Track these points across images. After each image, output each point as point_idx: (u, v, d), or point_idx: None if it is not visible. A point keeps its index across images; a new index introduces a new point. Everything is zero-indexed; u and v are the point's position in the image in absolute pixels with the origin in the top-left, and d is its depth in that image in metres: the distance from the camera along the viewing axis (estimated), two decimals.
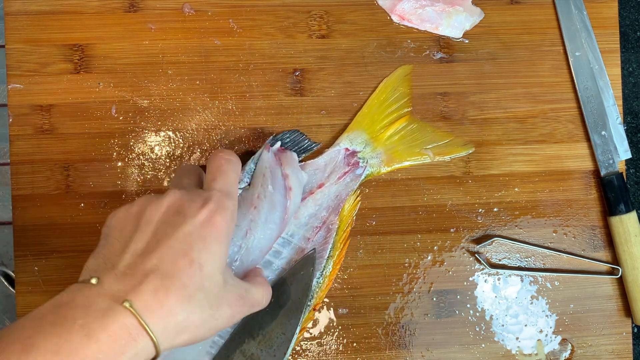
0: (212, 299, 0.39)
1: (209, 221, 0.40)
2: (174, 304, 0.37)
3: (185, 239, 0.39)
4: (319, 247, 0.54)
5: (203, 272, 0.39)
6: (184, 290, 0.38)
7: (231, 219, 0.42)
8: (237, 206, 0.43)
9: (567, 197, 0.59)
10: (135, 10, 0.57)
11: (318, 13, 0.58)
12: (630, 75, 0.65)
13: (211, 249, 0.40)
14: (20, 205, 0.55)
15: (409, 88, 0.57)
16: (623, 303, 0.59)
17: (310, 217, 0.55)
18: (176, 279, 0.38)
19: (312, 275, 0.52)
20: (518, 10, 0.59)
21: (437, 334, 0.58)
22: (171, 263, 0.38)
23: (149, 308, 0.36)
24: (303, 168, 0.55)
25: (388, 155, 0.56)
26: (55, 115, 0.56)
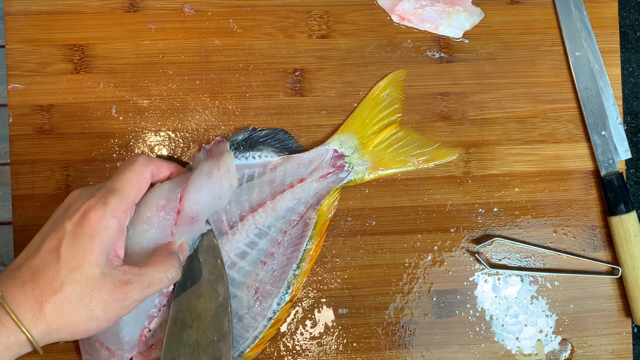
0: (84, 291, 0.42)
1: (83, 217, 0.43)
2: (39, 296, 0.41)
3: (57, 235, 0.43)
4: (296, 240, 0.55)
5: (71, 266, 0.42)
6: (50, 283, 0.42)
7: (110, 215, 0.44)
8: (127, 202, 0.45)
9: (567, 197, 0.59)
10: (135, 10, 0.57)
11: (318, 13, 0.58)
12: (630, 75, 0.65)
13: (81, 244, 0.42)
14: (20, 205, 0.55)
15: (401, 93, 0.58)
16: (623, 303, 0.59)
17: (288, 211, 0.55)
18: (43, 273, 0.42)
19: (219, 252, 0.52)
20: (518, 10, 0.59)
21: (437, 334, 0.58)
22: (42, 259, 0.43)
23: (16, 299, 0.41)
24: (286, 161, 0.55)
25: (374, 162, 0.57)
26: (55, 115, 0.56)
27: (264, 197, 0.54)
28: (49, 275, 0.42)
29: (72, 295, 0.42)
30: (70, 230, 0.43)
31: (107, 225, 0.44)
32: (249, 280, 0.54)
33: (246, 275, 0.54)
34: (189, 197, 0.48)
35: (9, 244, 0.55)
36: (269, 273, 0.54)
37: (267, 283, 0.54)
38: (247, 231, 0.54)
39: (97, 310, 0.42)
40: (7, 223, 0.97)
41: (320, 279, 0.57)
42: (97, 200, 0.44)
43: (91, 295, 0.42)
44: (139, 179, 0.47)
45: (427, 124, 0.58)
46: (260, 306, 0.54)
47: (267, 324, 0.54)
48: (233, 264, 0.53)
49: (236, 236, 0.53)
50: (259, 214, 0.54)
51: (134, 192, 0.46)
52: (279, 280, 0.54)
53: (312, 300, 0.57)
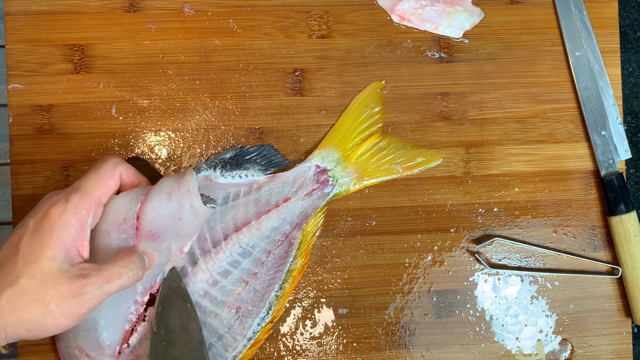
0: (38, 284, 0.42)
1: (44, 213, 0.44)
2: None
3: (19, 232, 0.44)
4: (280, 260, 0.55)
5: (27, 260, 0.42)
6: (7, 276, 0.42)
7: (71, 212, 0.44)
8: (90, 200, 0.46)
9: (567, 197, 0.59)
10: (135, 10, 0.57)
11: (318, 13, 0.58)
12: (630, 75, 0.65)
13: (39, 239, 0.43)
14: (20, 205, 0.55)
15: (381, 104, 0.57)
16: (623, 303, 0.59)
17: (272, 231, 0.55)
18: (2, 267, 0.43)
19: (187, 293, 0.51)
20: (518, 10, 0.59)
21: (437, 334, 0.58)
22: (3, 254, 0.44)
23: None
24: (271, 180, 0.55)
25: (359, 173, 0.56)
26: (55, 115, 0.56)
27: (249, 217, 0.54)
28: (6, 269, 0.43)
29: (27, 288, 0.42)
30: (32, 227, 0.44)
31: (67, 221, 0.44)
32: (230, 299, 0.53)
33: (228, 294, 0.53)
34: (146, 217, 0.48)
35: None
36: (251, 293, 0.54)
37: (249, 303, 0.54)
38: (231, 250, 0.53)
39: (52, 305, 0.42)
40: (7, 223, 0.97)
41: (320, 279, 0.57)
42: (60, 198, 0.45)
43: (45, 288, 0.42)
44: (105, 178, 0.47)
45: (427, 124, 0.58)
46: (241, 326, 0.53)
47: (246, 344, 0.54)
48: (215, 283, 0.53)
49: (219, 255, 0.53)
50: (243, 234, 0.53)
51: (99, 190, 0.46)
52: (260, 301, 0.54)
53: (312, 300, 0.57)
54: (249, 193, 0.54)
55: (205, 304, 0.52)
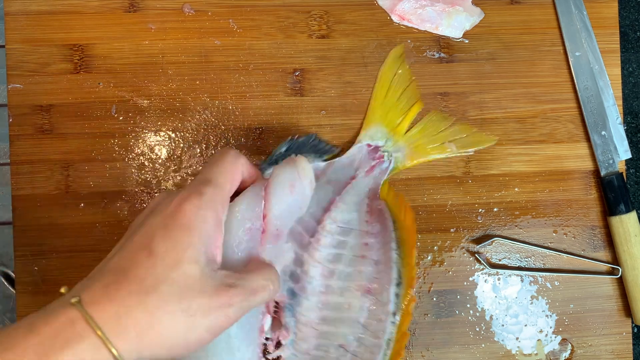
0: (183, 292, 0.35)
1: (175, 209, 0.37)
2: (126, 297, 0.34)
3: (147, 232, 0.37)
4: (381, 225, 0.50)
5: (166, 262, 0.35)
6: (140, 283, 0.34)
7: (207, 205, 0.38)
8: (224, 194, 0.40)
9: (567, 197, 0.59)
10: (135, 10, 0.57)
11: (318, 13, 0.58)
12: (630, 75, 0.65)
13: (176, 237, 0.36)
14: (20, 205, 0.55)
15: (407, 68, 0.57)
16: (623, 303, 0.59)
17: (357, 204, 0.52)
18: (131, 272, 0.35)
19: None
20: (518, 10, 0.59)
21: (437, 334, 0.58)
22: (129, 258, 0.36)
23: (95, 302, 0.33)
24: (330, 166, 0.54)
25: (411, 149, 0.56)
26: (55, 115, 0.56)
27: (330, 196, 0.51)
28: (139, 273, 0.35)
29: (170, 297, 0.34)
30: (162, 223, 0.37)
31: (205, 217, 0.37)
32: (354, 282, 0.48)
33: (349, 278, 0.48)
34: (273, 215, 0.43)
35: (9, 244, 0.55)
36: (371, 266, 0.48)
37: (376, 275, 0.48)
38: (330, 232, 0.49)
39: (198, 316, 0.35)
40: (7, 223, 0.97)
41: None
42: (191, 192, 0.38)
43: (192, 296, 0.35)
44: (232, 171, 0.41)
45: None
46: (380, 303, 0.47)
47: (394, 321, 0.47)
48: (331, 273, 0.48)
49: (321, 241, 0.48)
50: (333, 212, 0.50)
51: (229, 183, 0.40)
52: (386, 267, 0.48)
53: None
54: (318, 178, 0.51)
55: (332, 298, 0.47)
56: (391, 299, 0.47)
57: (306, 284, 0.47)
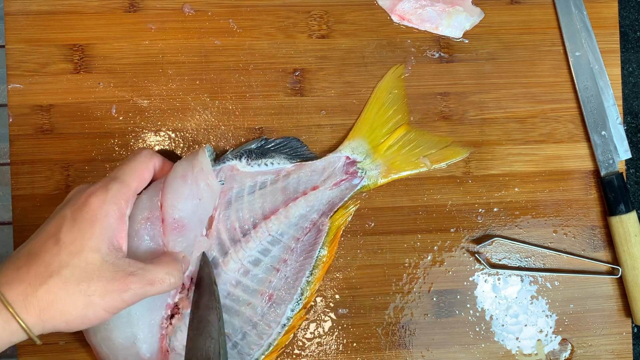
0: (82, 275, 0.41)
1: (83, 203, 0.43)
2: (33, 279, 0.40)
3: (57, 222, 0.42)
4: (309, 247, 0.55)
5: (69, 250, 0.41)
6: (47, 267, 0.40)
7: (111, 201, 0.43)
8: (129, 190, 0.45)
9: (567, 197, 0.59)
10: (135, 10, 0.57)
11: (318, 13, 0.58)
12: (630, 75, 0.65)
13: (81, 228, 0.42)
14: (20, 205, 0.55)
15: (403, 89, 0.57)
16: (623, 303, 0.59)
17: (300, 218, 0.55)
18: (39, 257, 0.41)
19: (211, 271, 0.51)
20: (518, 10, 0.59)
21: (437, 334, 0.58)
22: (39, 244, 0.42)
23: (9, 282, 0.40)
24: (300, 168, 0.55)
25: (387, 166, 0.56)
26: (55, 115, 0.56)
27: (277, 205, 0.54)
28: (45, 258, 0.41)
29: (69, 279, 0.40)
30: (70, 216, 0.42)
31: (108, 211, 0.43)
32: (262, 287, 0.53)
33: (260, 283, 0.53)
34: (167, 203, 0.48)
35: (9, 244, 0.55)
36: (282, 280, 0.54)
37: (281, 290, 0.54)
38: (260, 238, 0.53)
39: (95, 297, 0.41)
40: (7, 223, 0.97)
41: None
42: (99, 187, 0.44)
43: (90, 279, 0.41)
44: (141, 169, 0.47)
45: (427, 124, 0.58)
46: (274, 313, 0.54)
47: (280, 331, 0.54)
48: (247, 272, 0.53)
49: (249, 243, 0.53)
50: (271, 222, 0.54)
51: (136, 181, 0.46)
52: (292, 287, 0.54)
53: (312, 300, 0.57)
54: (277, 181, 0.54)
55: (238, 293, 0.53)
56: (286, 312, 0.54)
57: (221, 272, 0.52)
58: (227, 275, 0.52)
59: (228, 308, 0.53)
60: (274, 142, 0.55)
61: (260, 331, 0.53)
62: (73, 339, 0.55)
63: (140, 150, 0.49)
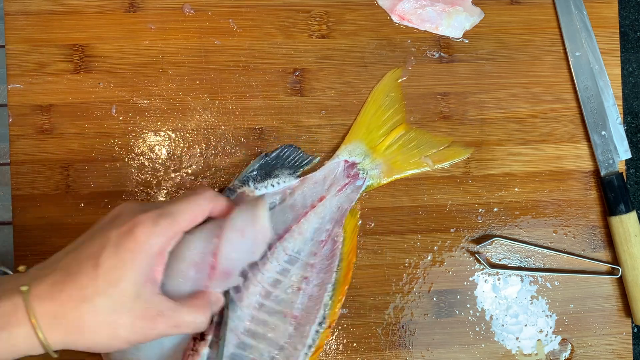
0: (114, 307, 0.40)
1: (130, 230, 0.41)
2: (65, 300, 0.39)
3: (100, 243, 0.41)
4: (327, 261, 0.54)
5: (107, 278, 0.40)
6: (81, 290, 0.39)
7: (158, 235, 0.41)
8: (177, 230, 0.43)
9: (567, 197, 0.59)
10: (135, 10, 0.57)
11: (318, 13, 0.58)
12: (630, 75, 0.65)
13: (122, 257, 0.40)
14: (20, 205, 0.55)
15: (400, 92, 0.57)
16: (623, 303, 0.59)
17: (315, 232, 0.55)
18: (76, 277, 0.39)
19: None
20: (518, 10, 0.59)
21: (437, 334, 0.58)
22: (78, 263, 0.40)
23: (41, 297, 0.39)
24: (302, 183, 0.55)
25: (388, 165, 0.56)
26: (55, 115, 0.56)
27: (289, 222, 0.54)
28: (82, 281, 0.39)
29: (101, 309, 0.39)
30: (114, 241, 0.41)
31: (152, 245, 0.41)
32: (285, 308, 0.52)
33: (283, 304, 0.52)
34: (223, 255, 0.46)
35: (9, 244, 0.55)
36: (305, 298, 0.53)
37: (305, 309, 0.53)
38: (278, 259, 0.53)
39: (121, 330, 0.40)
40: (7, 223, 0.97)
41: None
42: (148, 218, 0.42)
43: (120, 312, 0.40)
44: (197, 212, 0.45)
45: (427, 124, 0.58)
46: (300, 334, 0.52)
47: (308, 352, 0.52)
48: (268, 294, 0.52)
49: (267, 265, 0.52)
50: (286, 240, 0.53)
51: (187, 222, 0.44)
52: (315, 305, 0.53)
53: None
54: (284, 200, 0.55)
55: (262, 316, 0.51)
56: (311, 334, 0.52)
57: (244, 296, 0.51)
58: (249, 299, 0.51)
59: (253, 332, 0.51)
60: (272, 154, 0.55)
61: (287, 354, 0.51)
62: None
63: (204, 190, 0.46)
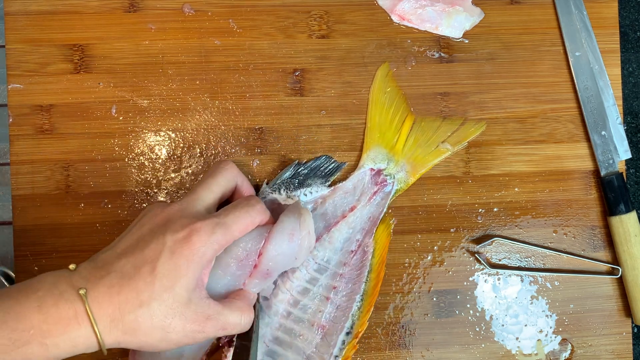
0: (168, 311, 0.42)
1: (186, 238, 0.43)
2: (123, 303, 0.41)
3: (157, 249, 0.42)
4: (357, 271, 0.54)
5: (163, 283, 0.41)
6: (138, 294, 0.41)
7: (212, 244, 0.43)
8: (230, 239, 0.45)
9: (567, 197, 0.59)
10: (135, 10, 0.57)
11: (318, 13, 0.58)
12: (630, 75, 0.65)
13: (177, 263, 0.42)
14: (20, 205, 0.55)
15: (395, 85, 0.57)
16: (623, 303, 0.59)
17: (345, 242, 0.55)
18: (133, 281, 0.41)
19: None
20: (518, 10, 0.59)
21: (437, 334, 0.58)
22: (135, 267, 0.42)
23: (99, 300, 0.40)
24: (333, 193, 0.55)
25: (411, 164, 0.56)
26: (55, 115, 0.56)
27: (320, 232, 0.54)
28: (139, 285, 0.41)
29: (156, 313, 0.41)
30: (170, 247, 0.42)
31: (206, 253, 0.43)
32: (313, 317, 0.53)
33: (311, 313, 0.53)
34: (268, 255, 0.48)
35: (9, 244, 0.55)
36: (333, 308, 0.53)
37: (332, 319, 0.53)
38: (307, 268, 0.53)
39: (173, 334, 0.42)
40: (7, 223, 0.97)
41: None
42: (205, 226, 0.43)
43: (172, 317, 0.42)
44: (249, 223, 0.46)
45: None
46: (327, 344, 0.52)
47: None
48: (296, 302, 0.53)
49: (296, 273, 0.53)
50: (316, 249, 0.54)
51: (239, 232, 0.46)
52: (343, 316, 0.53)
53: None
54: (315, 209, 0.55)
55: (290, 324, 0.52)
56: (338, 343, 0.53)
57: (272, 304, 0.52)
58: (277, 307, 0.52)
59: (281, 340, 0.52)
60: (306, 164, 0.55)
61: None
62: None
63: (256, 202, 0.48)
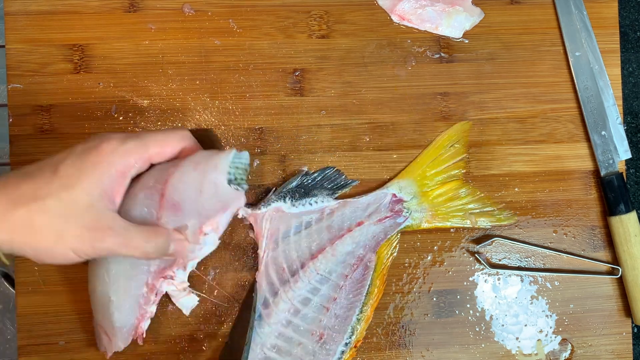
0: (63, 211, 0.41)
1: (96, 145, 0.43)
2: (17, 198, 0.40)
3: (64, 154, 0.43)
4: (358, 284, 0.55)
5: (63, 182, 0.41)
6: (35, 190, 0.41)
7: (122, 154, 0.43)
8: (143, 154, 0.45)
9: (567, 197, 0.59)
10: (135, 10, 0.57)
11: (318, 13, 0.58)
12: (630, 75, 0.65)
13: (82, 167, 0.42)
14: None
15: (466, 145, 0.57)
16: (623, 303, 0.59)
17: (347, 255, 0.55)
18: (33, 179, 0.41)
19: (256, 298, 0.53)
20: (518, 10, 0.59)
21: (437, 334, 0.58)
22: (39, 168, 0.42)
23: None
24: (344, 205, 0.55)
25: (432, 213, 0.56)
26: (55, 115, 0.56)
27: (323, 243, 0.54)
28: (37, 182, 0.41)
29: (50, 209, 0.41)
30: (78, 153, 0.43)
31: (114, 161, 0.43)
32: (313, 326, 0.54)
33: (310, 322, 0.54)
34: (171, 183, 0.47)
35: None
36: (332, 318, 0.54)
37: (331, 329, 0.54)
38: (309, 278, 0.54)
39: (68, 237, 0.41)
40: None
41: None
42: (116, 137, 0.44)
43: (68, 217, 0.41)
44: (166, 143, 0.46)
45: (427, 124, 0.58)
46: (325, 353, 0.53)
47: None
48: (297, 311, 0.54)
49: (298, 283, 0.54)
50: (319, 260, 0.54)
51: (155, 149, 0.46)
52: (342, 326, 0.54)
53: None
54: (321, 220, 0.55)
55: (289, 333, 0.53)
56: (337, 352, 0.54)
57: (273, 312, 0.53)
58: (277, 316, 0.53)
59: (280, 348, 0.53)
60: (312, 175, 0.55)
61: None
62: (73, 339, 0.55)
63: (181, 129, 0.49)
